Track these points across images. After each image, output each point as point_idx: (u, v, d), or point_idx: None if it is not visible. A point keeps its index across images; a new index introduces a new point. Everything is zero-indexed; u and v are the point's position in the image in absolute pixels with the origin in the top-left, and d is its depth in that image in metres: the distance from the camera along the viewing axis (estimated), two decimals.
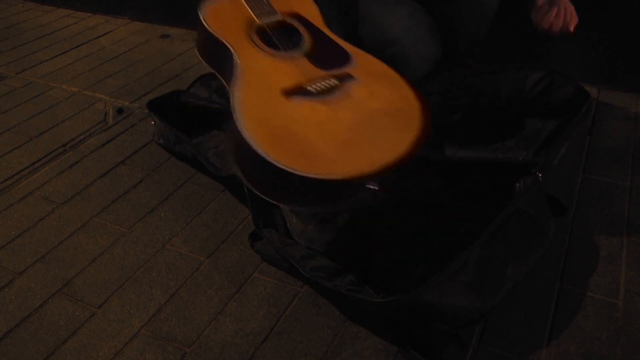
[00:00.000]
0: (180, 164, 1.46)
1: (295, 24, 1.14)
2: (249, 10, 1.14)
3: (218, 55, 1.10)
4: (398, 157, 0.87)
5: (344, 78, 1.03)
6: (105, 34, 2.33)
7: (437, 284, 0.86)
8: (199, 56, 1.18)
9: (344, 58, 1.08)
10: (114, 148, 1.56)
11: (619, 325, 0.97)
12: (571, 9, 1.27)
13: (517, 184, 1.09)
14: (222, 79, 1.12)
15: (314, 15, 1.19)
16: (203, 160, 1.34)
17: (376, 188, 1.18)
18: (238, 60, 1.03)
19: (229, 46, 1.06)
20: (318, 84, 0.99)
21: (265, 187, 0.92)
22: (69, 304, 1.08)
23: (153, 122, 1.53)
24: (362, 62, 1.08)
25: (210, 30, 1.10)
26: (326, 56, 1.07)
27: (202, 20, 1.12)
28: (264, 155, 0.84)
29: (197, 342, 0.99)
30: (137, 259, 1.18)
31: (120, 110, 1.74)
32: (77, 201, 1.35)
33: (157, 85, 1.89)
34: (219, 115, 1.50)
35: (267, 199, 0.93)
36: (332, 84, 1.00)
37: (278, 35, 1.10)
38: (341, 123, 0.93)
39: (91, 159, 1.51)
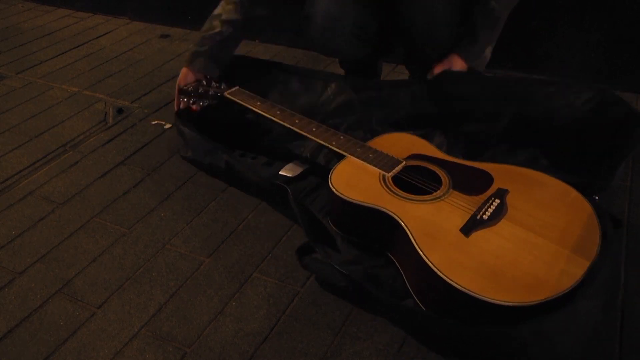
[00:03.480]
0: (181, 163, 1.46)
1: (423, 163, 1.14)
2: (374, 168, 1.12)
3: (367, 222, 1.06)
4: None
5: (499, 194, 1.04)
6: (105, 34, 2.33)
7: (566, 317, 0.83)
8: (336, 230, 1.13)
9: (485, 177, 1.09)
10: (114, 148, 1.56)
11: (618, 325, 0.97)
12: None
13: None
14: (372, 243, 1.08)
15: (432, 150, 1.19)
16: (244, 168, 1.28)
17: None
18: (400, 220, 0.99)
19: (381, 209, 1.02)
20: (485, 210, 0.99)
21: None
22: (69, 304, 1.08)
23: (180, 135, 1.44)
24: (500, 173, 1.10)
25: (351, 200, 1.05)
26: (471, 182, 1.07)
27: (337, 193, 1.06)
28: (489, 300, 0.83)
29: (197, 342, 0.99)
30: (137, 259, 1.18)
31: (120, 110, 1.74)
32: (77, 201, 1.35)
33: (157, 85, 1.89)
34: (249, 127, 1.48)
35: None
36: (495, 203, 1.01)
37: (419, 180, 1.09)
38: (528, 238, 0.94)
39: (91, 159, 1.51)
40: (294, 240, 1.19)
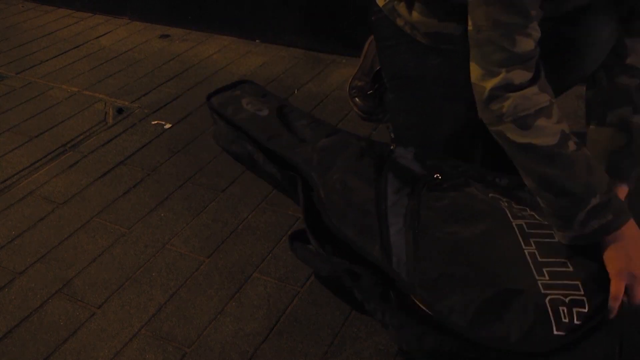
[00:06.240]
0: (181, 164, 1.47)
1: None
2: None
3: None
4: None
5: None
6: (105, 34, 2.33)
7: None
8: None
9: None
10: (114, 148, 1.56)
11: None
12: None
13: None
14: None
15: None
16: (260, 158, 1.30)
17: None
18: None
19: None
20: None
21: None
22: (69, 304, 1.08)
23: (215, 124, 1.50)
24: None
25: None
26: None
27: None
28: None
29: (197, 342, 0.99)
30: (137, 259, 1.18)
31: (120, 110, 1.74)
32: (77, 201, 1.35)
33: (157, 85, 1.89)
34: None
35: None
36: None
37: None
38: None
39: (91, 159, 1.51)
40: None
